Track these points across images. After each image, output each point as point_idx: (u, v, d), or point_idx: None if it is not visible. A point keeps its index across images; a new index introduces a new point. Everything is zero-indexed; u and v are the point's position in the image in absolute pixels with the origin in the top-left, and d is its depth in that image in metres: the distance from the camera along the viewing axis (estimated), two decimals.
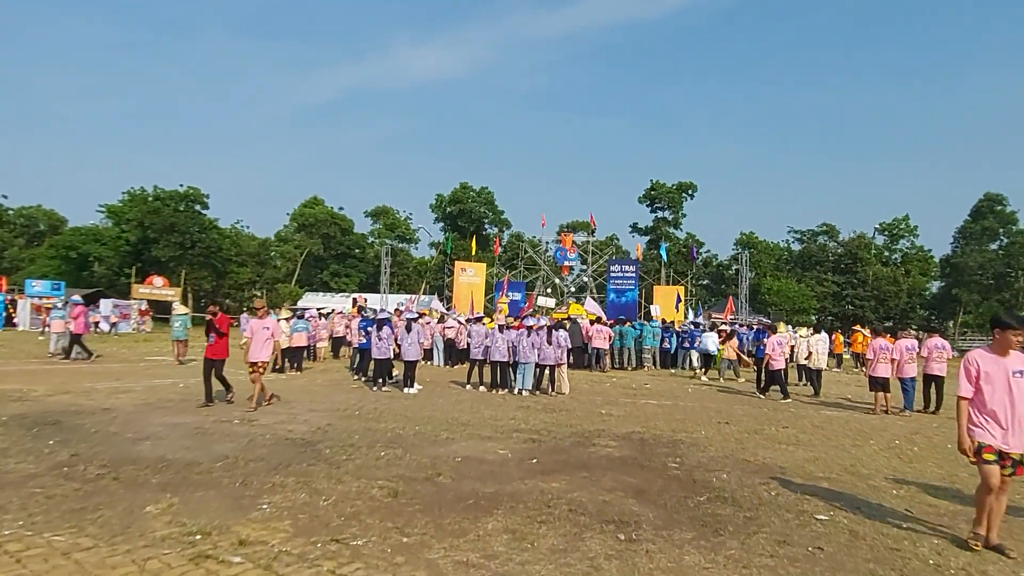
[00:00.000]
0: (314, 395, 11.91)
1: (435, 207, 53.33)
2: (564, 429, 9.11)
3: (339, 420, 9.22)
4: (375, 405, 10.79)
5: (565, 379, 13.55)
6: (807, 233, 57.15)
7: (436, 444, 7.78)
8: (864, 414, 11.87)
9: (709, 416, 10.92)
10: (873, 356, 11.99)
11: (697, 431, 9.34)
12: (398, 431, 8.48)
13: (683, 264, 50.23)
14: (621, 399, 12.90)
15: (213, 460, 6.54)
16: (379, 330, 12.90)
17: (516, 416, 10.15)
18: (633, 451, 7.76)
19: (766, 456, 7.68)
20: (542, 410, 10.95)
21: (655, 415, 10.81)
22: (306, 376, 15.41)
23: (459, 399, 12.02)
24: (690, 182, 54.92)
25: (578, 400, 12.48)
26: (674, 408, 11.80)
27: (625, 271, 37.95)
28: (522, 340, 13.05)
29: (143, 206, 44.75)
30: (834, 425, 10.38)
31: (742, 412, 11.55)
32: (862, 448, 8.47)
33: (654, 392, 14.38)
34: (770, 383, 13.82)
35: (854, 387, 17.45)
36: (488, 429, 8.92)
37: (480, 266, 39.77)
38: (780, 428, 9.82)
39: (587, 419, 10.14)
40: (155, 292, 37.47)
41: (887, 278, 49.96)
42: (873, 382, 11.97)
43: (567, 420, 9.95)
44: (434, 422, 9.31)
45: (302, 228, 54.40)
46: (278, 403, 10.71)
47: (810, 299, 47.96)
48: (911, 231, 55.16)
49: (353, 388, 13.24)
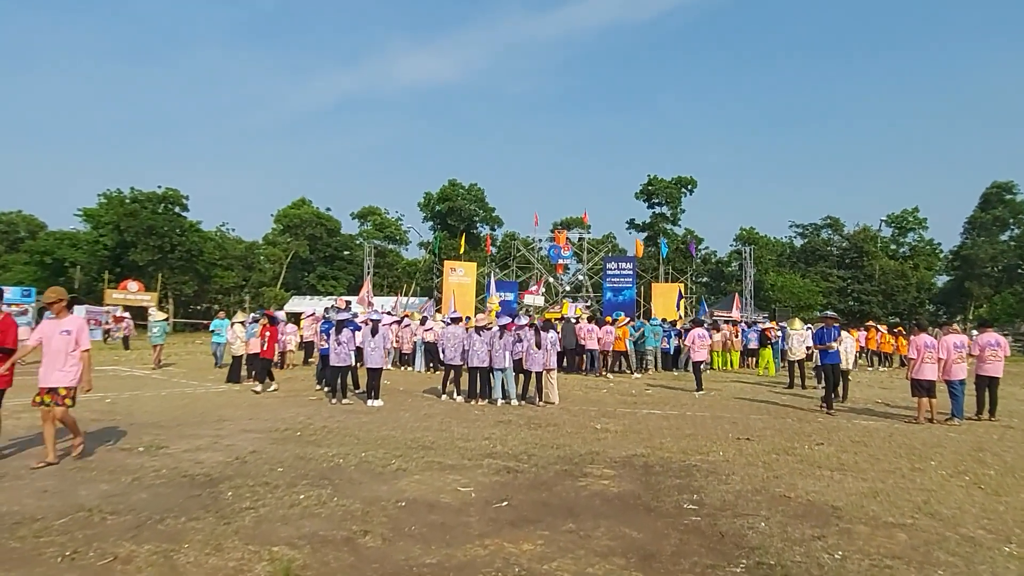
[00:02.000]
0: (259, 410, 10.12)
1: (423, 205, 51.33)
2: (549, 452, 7.33)
3: (270, 445, 7.44)
4: (325, 423, 9.00)
5: (554, 387, 11.77)
6: (809, 227, 55.34)
7: (380, 479, 6.00)
8: (905, 423, 10.11)
9: (724, 430, 9.15)
10: (916, 355, 10.24)
11: (713, 451, 7.57)
12: (338, 460, 6.70)
13: (682, 261, 48.38)
14: (619, 409, 11.13)
15: (60, 514, 4.76)
16: (338, 333, 11.12)
17: (492, 435, 8.37)
18: (635, 484, 5.99)
19: (809, 489, 5.91)
20: (525, 426, 9.17)
21: (660, 430, 9.04)
22: (267, 386, 13.61)
23: (429, 412, 10.24)
24: (689, 177, 52.94)
25: (569, 412, 10.71)
26: (681, 420, 10.03)
27: (622, 268, 36.23)
28: (495, 342, 11.28)
29: (119, 208, 42.85)
30: (876, 440, 8.61)
31: (763, 424, 9.79)
32: (925, 473, 6.70)
33: (656, 399, 12.61)
34: (696, 372, 13.92)
35: (877, 388, 15.72)
36: (454, 454, 7.15)
37: (470, 265, 38.06)
38: (814, 446, 8.05)
39: (578, 437, 8.36)
40: (130, 297, 35.62)
41: (895, 272, 48.13)
42: (916, 386, 10.21)
43: (554, 439, 8.17)
44: (389, 445, 7.53)
45: (287, 230, 52.49)
46: (204, 425, 8.90)
47: (815, 295, 46.15)
48: (920, 223, 53.31)
49: (310, 400, 11.46)
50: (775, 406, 12.00)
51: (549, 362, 11.71)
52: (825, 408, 11.07)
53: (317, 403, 11.08)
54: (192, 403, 10.92)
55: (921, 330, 10.41)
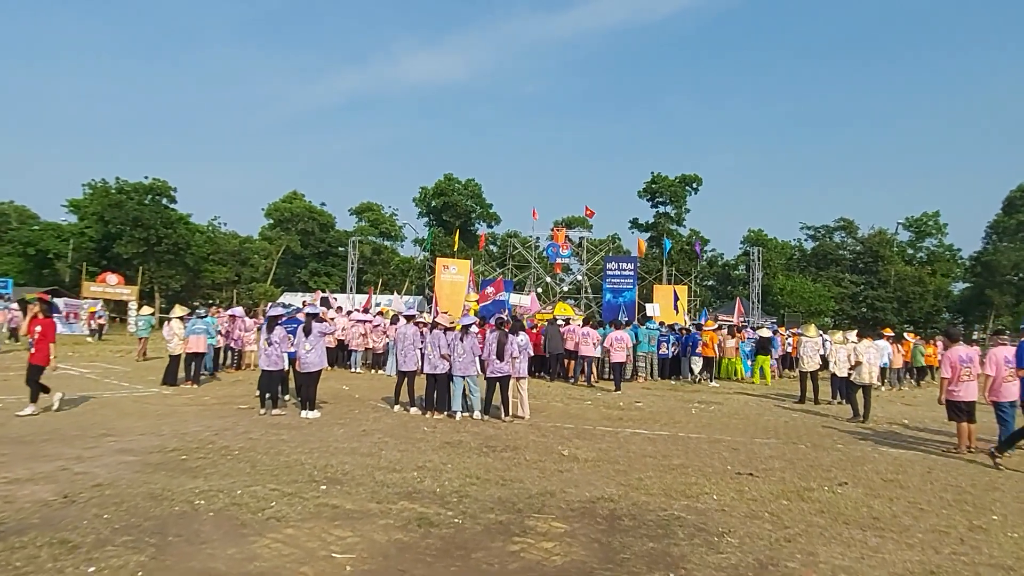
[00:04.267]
0: (164, 422, 8.46)
1: (419, 201, 49.65)
2: (490, 492, 5.62)
3: (132, 474, 5.77)
4: (231, 441, 7.33)
5: (525, 398, 10.06)
6: (821, 229, 53.24)
7: (236, 535, 4.32)
8: (942, 454, 8.35)
9: (722, 459, 7.41)
10: (952, 373, 8.47)
11: (705, 493, 5.84)
12: (199, 501, 5.02)
13: (686, 263, 46.51)
14: (600, 427, 9.40)
15: None
16: (269, 331, 9.45)
17: (429, 463, 6.66)
18: (589, 550, 4.28)
19: (836, 563, 4.18)
20: (476, 450, 7.46)
21: (642, 458, 7.31)
22: (205, 389, 11.99)
23: (369, 429, 8.55)
24: (694, 175, 51.13)
25: (538, 430, 8.98)
26: (671, 443, 8.30)
27: (623, 269, 34.34)
28: (455, 345, 9.59)
29: (104, 199, 41.41)
30: (913, 478, 6.85)
31: (770, 451, 8.03)
32: (990, 535, 4.95)
33: (646, 415, 10.87)
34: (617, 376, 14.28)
35: (900, 405, 13.92)
36: (363, 493, 5.45)
37: (464, 263, 36.31)
38: (836, 487, 6.29)
39: (536, 468, 6.64)
40: (109, 291, 34.04)
41: (911, 278, 45.96)
42: (954, 409, 8.44)
43: (504, 471, 6.46)
44: (287, 476, 5.85)
45: (278, 224, 50.90)
46: (76, 442, 7.26)
47: (827, 300, 44.11)
48: (940, 228, 50.95)
49: (238, 410, 9.79)
50: (785, 425, 10.25)
51: (520, 369, 10.00)
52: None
53: (243, 413, 9.42)
54: (94, 411, 9.29)
55: (953, 341, 8.64)
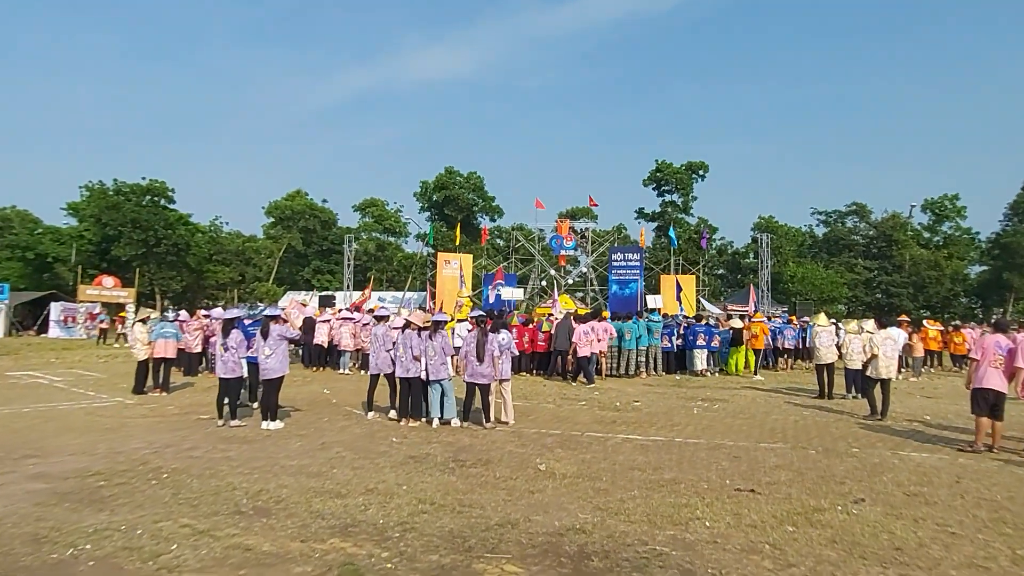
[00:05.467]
0: (104, 438, 7.70)
1: (420, 195, 48.81)
2: (440, 523, 4.78)
3: (30, 507, 5.00)
4: (165, 462, 6.55)
5: (509, 402, 9.21)
6: (833, 214, 51.79)
7: None
8: (957, 451, 7.44)
9: (720, 470, 6.53)
10: (981, 356, 7.56)
11: (697, 518, 4.97)
12: (84, 545, 4.22)
13: (694, 252, 45.36)
14: (589, 432, 8.55)
15: None
16: (225, 336, 8.67)
17: (383, 483, 5.84)
18: None
19: None
20: (443, 464, 6.63)
21: (628, 471, 6.44)
22: (173, 397, 11.28)
23: (329, 441, 7.75)
24: (700, 162, 49.77)
25: (519, 437, 8.14)
26: (665, 451, 7.42)
27: (628, 260, 33.36)
28: (427, 345, 8.76)
29: (101, 201, 40.95)
30: (939, 490, 5.94)
31: (776, 459, 7.14)
32: None
33: (642, 416, 9.99)
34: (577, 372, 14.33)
35: (920, 398, 12.97)
36: (291, 526, 4.63)
37: (466, 258, 35.49)
38: (851, 505, 5.40)
39: (504, 488, 5.80)
40: (105, 293, 33.63)
41: (927, 262, 44.53)
42: (978, 399, 7.53)
43: (465, 493, 5.62)
44: (208, 507, 5.05)
45: (279, 222, 50.25)
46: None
47: (839, 286, 42.82)
48: (959, 212, 49.13)
49: (200, 420, 9.04)
50: (794, 425, 9.34)
51: (503, 371, 9.15)
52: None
53: (200, 425, 8.65)
54: (34, 426, 8.55)
55: (999, 331, 7.72)
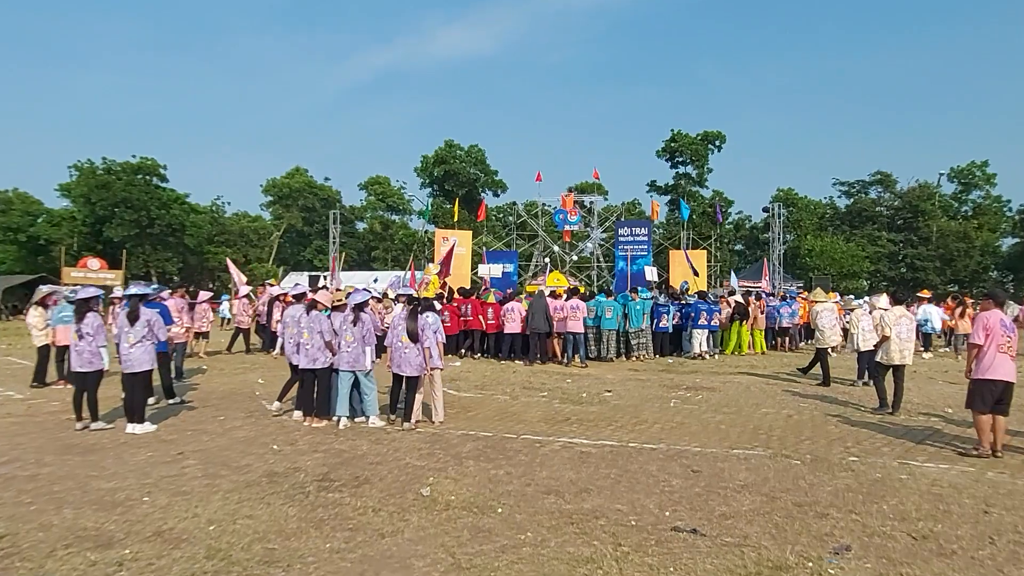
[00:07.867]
0: None
1: (421, 170, 47.17)
2: None
3: None
4: None
5: (438, 396, 7.68)
6: (856, 185, 49.03)
7: None
8: (1001, 472, 5.73)
9: (667, 492, 4.92)
10: (984, 339, 5.88)
11: None
12: None
13: (708, 226, 43.23)
14: (528, 434, 6.99)
15: None
16: (79, 320, 7.19)
17: (190, 519, 4.35)
18: None
19: None
20: (298, 486, 5.12)
21: (541, 498, 4.86)
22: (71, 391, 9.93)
23: (200, 447, 6.29)
24: (717, 131, 47.39)
25: (433, 444, 6.60)
26: (608, 462, 5.82)
27: (636, 234, 31.46)
28: (343, 331, 7.25)
29: (91, 180, 40.03)
30: (961, 526, 4.29)
31: (747, 474, 5.50)
32: None
33: (605, 411, 8.39)
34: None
35: (941, 383, 11.24)
36: None
37: (465, 234, 33.90)
38: (826, 560, 3.77)
39: (351, 528, 4.27)
40: (90, 276, 32.61)
41: (955, 234, 41.82)
42: (983, 393, 5.85)
43: (287, 539, 4.10)
44: None
45: (277, 201, 49.09)
46: None
47: (861, 260, 40.41)
48: (989, 179, 46.15)
49: (70, 419, 7.65)
50: (785, 422, 7.69)
51: (434, 360, 7.59)
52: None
53: (59, 428, 7.26)
54: None
55: (997, 305, 6.03)
